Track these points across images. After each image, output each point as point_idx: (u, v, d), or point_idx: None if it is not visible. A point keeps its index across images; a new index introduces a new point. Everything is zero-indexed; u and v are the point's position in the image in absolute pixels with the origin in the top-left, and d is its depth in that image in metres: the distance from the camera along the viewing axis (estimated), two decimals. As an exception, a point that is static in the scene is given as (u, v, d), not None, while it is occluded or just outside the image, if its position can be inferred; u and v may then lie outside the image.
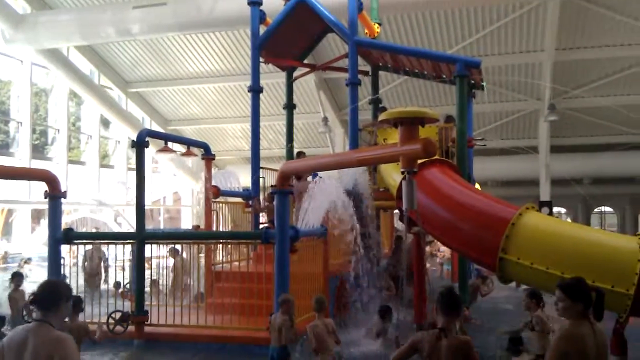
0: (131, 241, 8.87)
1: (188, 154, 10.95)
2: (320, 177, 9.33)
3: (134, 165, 9.25)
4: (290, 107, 13.33)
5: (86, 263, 12.89)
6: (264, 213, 11.49)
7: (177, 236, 11.24)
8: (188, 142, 11.17)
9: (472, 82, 11.66)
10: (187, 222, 28.55)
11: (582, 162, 23.49)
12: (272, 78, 19.55)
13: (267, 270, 8.23)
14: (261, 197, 11.74)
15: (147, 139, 8.78)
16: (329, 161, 7.96)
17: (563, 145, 23.76)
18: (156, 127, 25.72)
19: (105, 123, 25.11)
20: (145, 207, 8.91)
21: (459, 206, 7.43)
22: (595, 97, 20.81)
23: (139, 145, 8.63)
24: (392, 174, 9.31)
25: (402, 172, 5.12)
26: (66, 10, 19.86)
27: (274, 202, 8.08)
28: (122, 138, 25.88)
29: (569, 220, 30.27)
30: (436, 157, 8.45)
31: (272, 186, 9.45)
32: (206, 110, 25.82)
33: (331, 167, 8.37)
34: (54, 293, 3.52)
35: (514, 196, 23.36)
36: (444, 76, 12.10)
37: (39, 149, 22.86)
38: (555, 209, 27.75)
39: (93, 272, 12.99)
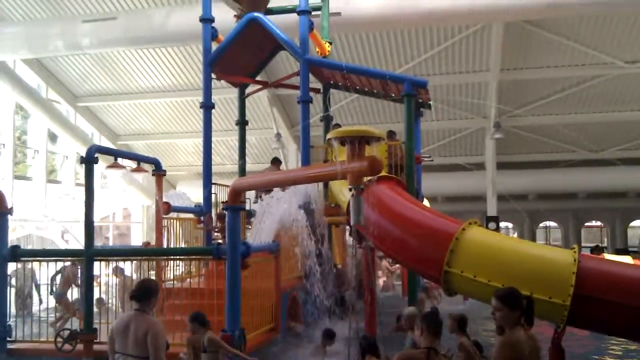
0: (79, 258, 8.73)
1: (138, 170, 10.83)
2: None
3: (82, 181, 9.14)
4: (242, 123, 13.38)
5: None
6: (216, 231, 11.42)
7: (127, 253, 11.05)
8: (138, 158, 11.04)
9: (420, 100, 11.97)
10: (137, 239, 28.04)
11: (527, 178, 24.18)
12: (225, 94, 19.58)
13: (219, 287, 8.23)
14: (213, 213, 11.71)
15: (96, 155, 8.69)
16: (279, 178, 8.08)
17: (509, 162, 24.41)
18: (105, 142, 25.23)
19: (52, 137, 24.53)
20: (94, 224, 8.80)
21: (406, 221, 7.62)
22: (539, 116, 21.61)
23: (88, 161, 8.51)
24: (343, 190, 9.47)
25: (350, 189, 5.28)
26: (13, 23, 19.42)
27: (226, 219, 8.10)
28: (70, 153, 25.29)
29: (515, 234, 31.12)
30: (385, 173, 8.68)
31: (223, 202, 9.47)
32: (157, 125, 25.51)
33: (282, 184, 8.48)
34: (147, 290, 4.76)
35: (462, 211, 23.98)
36: (393, 95, 12.38)
37: (-18, 164, 22.16)
38: (503, 224, 28.50)
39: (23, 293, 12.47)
